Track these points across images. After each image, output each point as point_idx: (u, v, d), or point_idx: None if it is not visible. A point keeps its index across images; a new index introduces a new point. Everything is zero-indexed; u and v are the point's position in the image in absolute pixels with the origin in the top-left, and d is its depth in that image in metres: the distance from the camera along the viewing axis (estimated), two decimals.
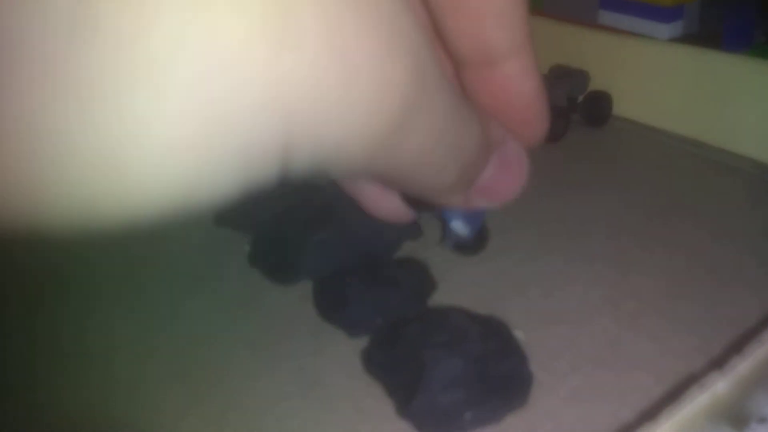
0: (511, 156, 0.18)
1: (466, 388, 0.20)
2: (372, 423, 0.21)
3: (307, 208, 0.28)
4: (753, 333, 0.20)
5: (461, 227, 0.21)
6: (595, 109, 0.38)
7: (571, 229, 0.29)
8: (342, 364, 0.23)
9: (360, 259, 0.27)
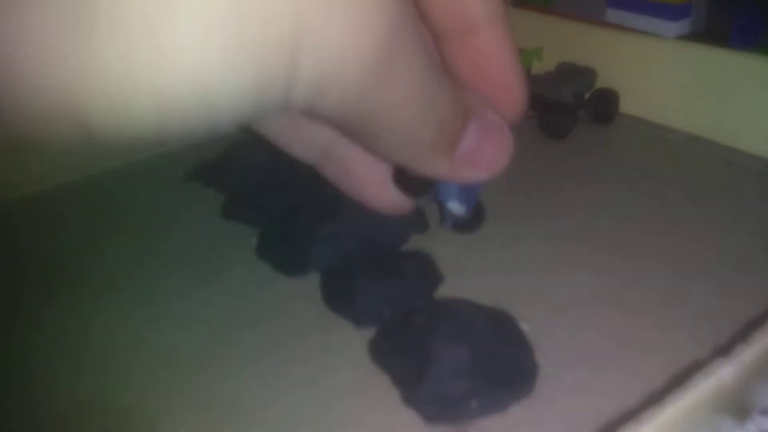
0: (492, 125, 0.19)
1: (472, 377, 0.21)
2: (379, 412, 0.21)
3: (315, 201, 0.28)
4: (759, 322, 0.20)
5: (457, 206, 0.21)
6: (602, 107, 0.38)
7: (578, 222, 0.30)
8: (349, 354, 0.23)
9: (367, 252, 0.27)
